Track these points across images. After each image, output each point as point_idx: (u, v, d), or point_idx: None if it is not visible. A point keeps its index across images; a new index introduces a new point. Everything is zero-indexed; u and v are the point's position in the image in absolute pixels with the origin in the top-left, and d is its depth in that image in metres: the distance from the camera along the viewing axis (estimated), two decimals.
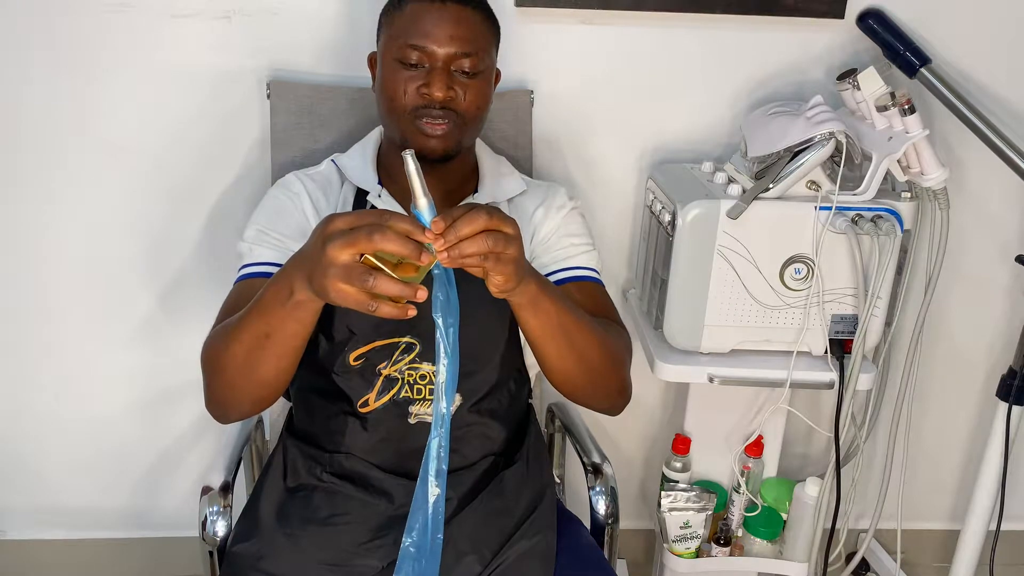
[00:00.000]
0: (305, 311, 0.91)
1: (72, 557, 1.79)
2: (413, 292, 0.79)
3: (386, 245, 0.78)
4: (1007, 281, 1.71)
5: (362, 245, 0.79)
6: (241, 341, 0.96)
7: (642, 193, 1.60)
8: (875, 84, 1.34)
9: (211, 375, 1.03)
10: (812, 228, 1.32)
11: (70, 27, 1.43)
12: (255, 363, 0.97)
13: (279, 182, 1.25)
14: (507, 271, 0.86)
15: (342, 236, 0.79)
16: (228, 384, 1.01)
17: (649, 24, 1.50)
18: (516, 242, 0.85)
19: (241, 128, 1.51)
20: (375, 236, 0.78)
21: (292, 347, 0.96)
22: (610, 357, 1.09)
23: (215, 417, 1.08)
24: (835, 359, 1.38)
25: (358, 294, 0.79)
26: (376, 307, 0.79)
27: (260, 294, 0.94)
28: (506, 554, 1.12)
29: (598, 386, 1.11)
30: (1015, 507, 1.74)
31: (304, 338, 0.96)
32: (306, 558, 1.10)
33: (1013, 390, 1.52)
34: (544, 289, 0.96)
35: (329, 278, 0.80)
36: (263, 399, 1.04)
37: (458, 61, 1.12)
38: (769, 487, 1.65)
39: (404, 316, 0.80)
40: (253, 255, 1.15)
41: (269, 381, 1.00)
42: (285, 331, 0.93)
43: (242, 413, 1.08)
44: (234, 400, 1.04)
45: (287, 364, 0.99)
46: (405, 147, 1.14)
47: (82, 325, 1.62)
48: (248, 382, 1.00)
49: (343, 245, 0.79)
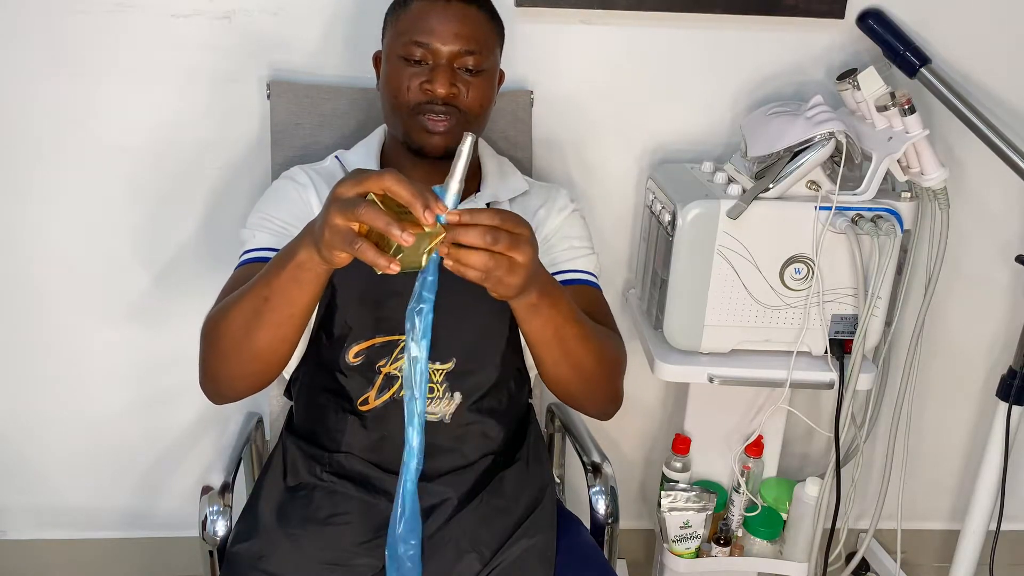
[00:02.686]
0: (306, 274, 0.89)
1: (72, 557, 1.79)
2: (399, 236, 0.76)
3: (394, 185, 0.78)
4: (1007, 281, 1.71)
5: (371, 184, 0.79)
6: (241, 308, 0.96)
7: (642, 193, 1.60)
8: (875, 84, 1.34)
9: (207, 346, 1.02)
10: (812, 228, 1.32)
11: (70, 27, 1.43)
12: (251, 331, 0.96)
13: (285, 174, 1.26)
14: (513, 281, 0.84)
15: (353, 177, 0.81)
16: (223, 354, 1.00)
17: (649, 24, 1.50)
18: (527, 247, 0.83)
19: (241, 128, 1.51)
20: (386, 177, 0.78)
21: (288, 315, 0.94)
22: (605, 367, 1.08)
23: (208, 395, 1.07)
24: (835, 359, 1.38)
25: (346, 224, 0.79)
26: (360, 246, 0.78)
27: (266, 265, 0.94)
28: (506, 553, 1.12)
29: (590, 393, 1.11)
30: (1015, 507, 1.74)
31: (303, 309, 0.94)
32: (306, 557, 1.10)
33: (1013, 390, 1.52)
34: (546, 297, 0.95)
35: (330, 213, 0.79)
36: (256, 375, 1.02)
37: (462, 59, 1.13)
38: (769, 487, 1.65)
39: (386, 268, 0.77)
40: (255, 240, 1.15)
41: (263, 353, 0.98)
42: (284, 296, 0.92)
43: (235, 390, 1.05)
44: (228, 373, 1.02)
45: (283, 335, 0.97)
46: (408, 144, 1.15)
47: (82, 325, 1.62)
48: (243, 352, 0.98)
49: (352, 184, 0.80)
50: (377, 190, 0.79)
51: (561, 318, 0.98)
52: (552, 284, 0.97)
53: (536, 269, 0.88)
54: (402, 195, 0.78)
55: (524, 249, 0.83)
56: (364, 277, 1.14)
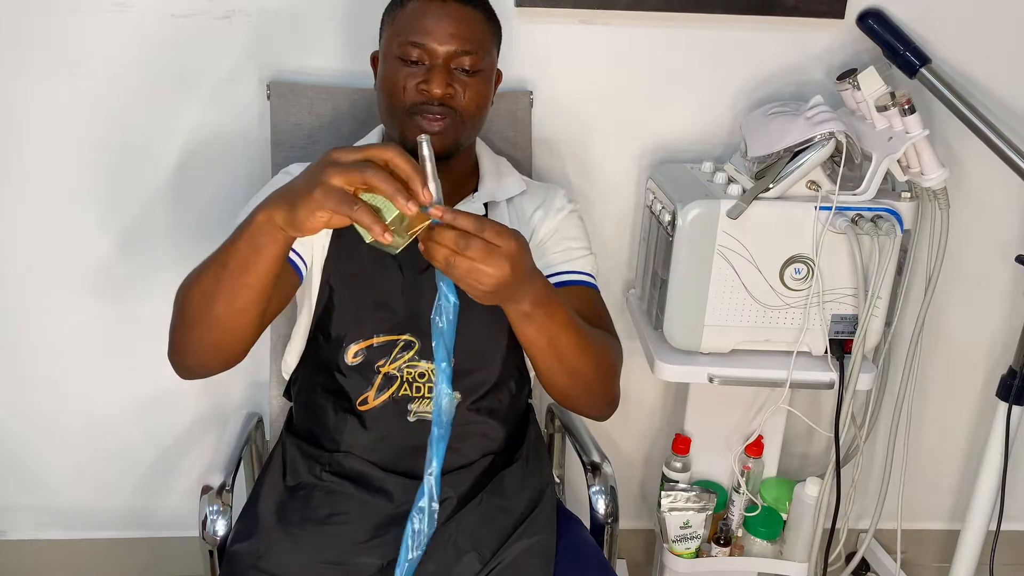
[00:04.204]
0: (262, 238, 0.88)
1: (72, 557, 1.79)
2: (403, 203, 0.78)
3: (396, 158, 0.80)
4: (1007, 281, 1.71)
5: (374, 152, 0.81)
6: (202, 276, 0.96)
7: (642, 193, 1.60)
8: (875, 84, 1.34)
9: (175, 314, 1.01)
10: (812, 228, 1.32)
11: (70, 27, 1.43)
12: (210, 298, 0.95)
13: (283, 170, 1.26)
14: (482, 289, 0.85)
15: (353, 147, 0.82)
16: (187, 322, 0.99)
17: (649, 24, 1.50)
18: (501, 260, 0.84)
19: (241, 128, 1.51)
20: (389, 149, 0.80)
21: (244, 284, 0.92)
22: (601, 372, 1.08)
23: (176, 368, 1.06)
24: (835, 359, 1.38)
25: (347, 185, 0.80)
26: (358, 208, 0.79)
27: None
28: (506, 553, 1.12)
29: (586, 397, 1.11)
30: (1015, 507, 1.74)
31: (258, 278, 0.92)
32: (306, 557, 1.10)
33: (1013, 390, 1.52)
34: (540, 307, 0.95)
35: (326, 173, 0.80)
36: (217, 346, 1.00)
37: (458, 59, 1.12)
38: (769, 487, 1.65)
39: (380, 236, 0.79)
40: None
41: (221, 321, 0.96)
42: (241, 261, 0.91)
43: (200, 362, 1.04)
44: (191, 343, 1.01)
45: (241, 305, 0.95)
46: (404, 143, 1.15)
47: (82, 326, 1.62)
48: (202, 320, 0.97)
49: (353, 151, 0.82)
50: (379, 160, 0.80)
51: (556, 327, 0.98)
52: (547, 293, 0.96)
53: (521, 281, 0.88)
54: (403, 168, 0.80)
55: (497, 262, 0.83)
56: (363, 277, 1.14)
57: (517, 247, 0.86)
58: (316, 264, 1.17)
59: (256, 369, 1.59)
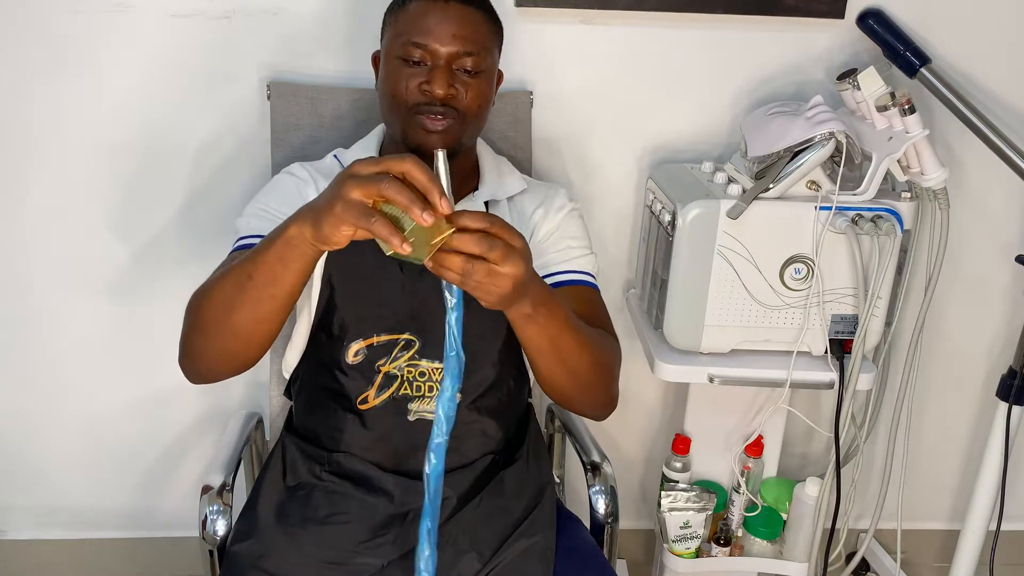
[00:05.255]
0: (292, 251, 0.88)
1: (72, 557, 1.79)
2: (419, 215, 0.77)
3: (413, 169, 0.79)
4: (1007, 281, 1.71)
5: (392, 165, 0.80)
6: (225, 284, 0.95)
7: (642, 193, 1.60)
8: (875, 84, 1.34)
9: (189, 321, 1.02)
10: (812, 228, 1.32)
11: (70, 27, 1.43)
12: (232, 308, 0.95)
13: (285, 169, 1.26)
14: (498, 292, 0.84)
15: (371, 159, 0.81)
16: (204, 330, 0.99)
17: (649, 24, 1.50)
18: (518, 260, 0.83)
19: (241, 128, 1.51)
20: (407, 160, 0.79)
21: (270, 295, 0.93)
22: (600, 373, 1.08)
23: (186, 372, 1.06)
24: (835, 359, 1.38)
25: (365, 198, 0.79)
26: (376, 220, 0.78)
27: (257, 244, 0.94)
28: (505, 553, 1.12)
29: (585, 398, 1.11)
30: (1015, 507, 1.74)
31: (285, 290, 0.93)
32: (306, 557, 1.10)
33: (1013, 390, 1.52)
34: (541, 307, 0.94)
35: (345, 187, 0.80)
36: (234, 355, 1.01)
37: (460, 60, 1.12)
38: (769, 487, 1.65)
39: (398, 247, 0.78)
40: (250, 228, 1.15)
41: (242, 331, 0.97)
42: (269, 273, 0.91)
43: (212, 369, 1.04)
44: (206, 350, 1.01)
45: (263, 315, 0.95)
46: (406, 143, 1.15)
47: (82, 326, 1.62)
48: (222, 329, 0.97)
49: (372, 163, 0.81)
50: (397, 172, 0.80)
51: (556, 328, 0.98)
52: (547, 294, 0.96)
53: (528, 281, 0.88)
54: (420, 180, 0.79)
55: (515, 261, 0.83)
56: (364, 276, 1.14)
57: (525, 244, 0.86)
58: (317, 263, 1.17)
59: (256, 369, 1.55)
